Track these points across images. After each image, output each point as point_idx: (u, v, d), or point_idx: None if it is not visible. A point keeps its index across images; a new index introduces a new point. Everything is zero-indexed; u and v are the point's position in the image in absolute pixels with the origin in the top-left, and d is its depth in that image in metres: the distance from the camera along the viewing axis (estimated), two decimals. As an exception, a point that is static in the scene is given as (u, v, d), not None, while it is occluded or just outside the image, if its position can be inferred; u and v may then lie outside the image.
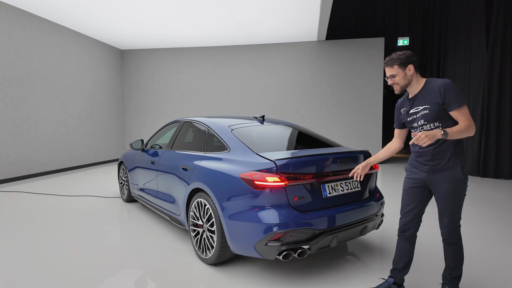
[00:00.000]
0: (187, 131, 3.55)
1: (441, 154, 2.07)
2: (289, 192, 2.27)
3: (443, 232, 2.13)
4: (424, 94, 2.10)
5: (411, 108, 2.17)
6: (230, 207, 2.41)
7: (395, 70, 2.14)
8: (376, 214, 2.76)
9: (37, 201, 4.95)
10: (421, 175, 2.19)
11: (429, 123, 2.09)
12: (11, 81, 6.66)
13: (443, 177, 2.08)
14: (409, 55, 2.13)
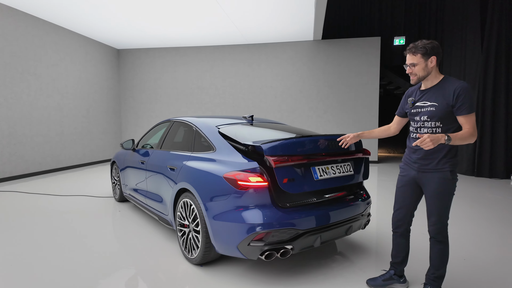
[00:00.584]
0: (176, 131, 3.55)
1: (433, 155, 2.08)
2: (278, 174, 2.25)
3: (431, 230, 2.15)
4: (437, 91, 2.05)
5: (419, 101, 2.13)
6: (214, 207, 2.41)
7: (417, 59, 2.04)
8: (362, 214, 2.76)
9: (30, 201, 4.95)
10: (411, 173, 2.21)
11: (431, 121, 2.06)
12: (5, 80, 6.66)
13: (432, 176, 2.09)
14: (435, 46, 2.03)
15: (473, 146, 7.30)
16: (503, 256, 2.95)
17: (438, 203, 2.08)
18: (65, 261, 2.82)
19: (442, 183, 2.05)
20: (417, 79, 2.10)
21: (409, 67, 2.09)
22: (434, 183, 2.08)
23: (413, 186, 2.23)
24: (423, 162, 2.13)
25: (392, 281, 2.37)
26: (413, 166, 2.20)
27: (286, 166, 2.29)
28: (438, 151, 2.06)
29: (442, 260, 2.15)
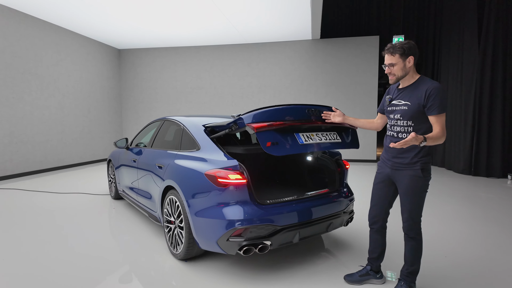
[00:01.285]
0: (166, 129, 3.62)
1: (406, 153, 2.13)
2: (261, 138, 2.24)
3: (403, 226, 2.20)
4: (412, 91, 2.10)
5: (395, 99, 2.19)
6: (196, 204, 2.48)
7: (395, 59, 2.09)
8: (343, 211, 2.81)
9: (29, 198, 5.07)
10: (386, 170, 2.27)
11: (404, 120, 2.12)
12: (6, 80, 6.80)
13: (404, 174, 2.14)
14: (412, 46, 2.08)
15: (470, 145, 7.29)
16: (483, 255, 2.98)
17: (410, 200, 2.13)
18: (51, 257, 2.91)
19: (414, 181, 2.10)
20: (396, 79, 2.14)
21: (388, 67, 2.14)
22: (406, 180, 2.13)
23: (388, 183, 2.29)
24: (396, 160, 2.18)
25: (368, 276, 2.42)
26: (387, 163, 2.25)
27: (267, 130, 2.27)
28: (410, 150, 2.11)
29: (415, 256, 2.19)
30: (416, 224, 2.16)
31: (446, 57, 8.39)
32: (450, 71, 8.17)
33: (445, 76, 8.45)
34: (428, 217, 4.13)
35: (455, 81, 7.94)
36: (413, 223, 2.15)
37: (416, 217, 2.15)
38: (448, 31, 8.31)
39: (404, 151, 2.13)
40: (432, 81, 2.05)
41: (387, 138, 2.27)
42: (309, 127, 2.53)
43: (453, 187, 6.04)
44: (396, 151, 2.16)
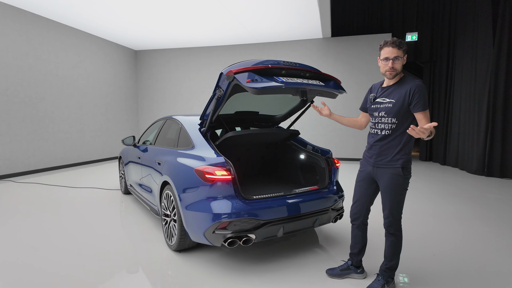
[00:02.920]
0: (168, 128, 3.82)
1: (387, 151, 2.19)
2: (240, 79, 2.31)
3: (384, 222, 2.26)
4: (396, 89, 2.14)
5: (379, 97, 2.22)
6: (186, 198, 2.64)
7: (401, 53, 2.10)
8: (331, 207, 2.89)
9: (48, 192, 5.45)
10: (368, 168, 2.33)
11: (388, 117, 2.16)
12: (30, 82, 7.26)
13: (385, 171, 2.20)
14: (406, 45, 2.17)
15: (483, 145, 7.09)
16: (472, 254, 2.97)
17: (390, 197, 2.19)
18: (56, 247, 3.16)
19: (394, 178, 2.16)
20: (395, 75, 2.14)
21: (392, 60, 2.10)
22: (386, 178, 2.19)
23: (370, 181, 2.35)
24: (377, 157, 2.24)
25: (349, 271, 2.49)
26: (369, 161, 2.31)
27: (246, 71, 2.35)
28: (391, 148, 2.17)
29: (394, 252, 2.26)
30: (396, 221, 2.22)
31: (460, 54, 8.18)
32: (464, 68, 7.95)
33: (459, 73, 8.23)
34: (427, 216, 4.12)
35: (468, 78, 7.73)
36: (393, 220, 2.21)
37: (397, 214, 2.21)
38: (462, 27, 8.09)
39: (387, 148, 2.19)
40: (415, 79, 2.10)
41: (370, 135, 2.33)
42: (290, 73, 2.55)
43: (462, 188, 5.92)
44: (379, 148, 2.23)
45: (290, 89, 2.57)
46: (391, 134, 2.15)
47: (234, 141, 3.28)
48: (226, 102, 2.98)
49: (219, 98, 2.69)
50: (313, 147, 3.41)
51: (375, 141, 2.24)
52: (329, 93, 2.78)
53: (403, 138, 2.12)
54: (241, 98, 3.07)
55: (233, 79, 2.39)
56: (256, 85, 2.28)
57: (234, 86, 2.52)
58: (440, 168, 8.41)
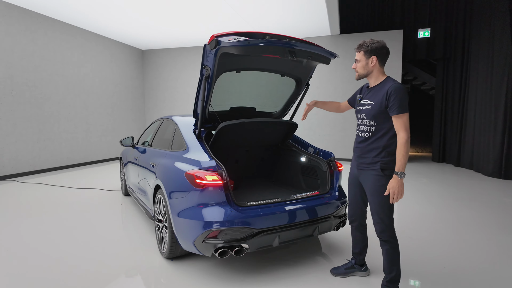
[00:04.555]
0: (165, 128, 3.68)
1: (367, 154, 2.16)
2: (222, 38, 2.29)
3: (375, 229, 2.18)
4: (377, 91, 2.13)
5: (363, 99, 2.22)
6: (176, 204, 2.49)
7: (359, 56, 2.15)
8: (332, 214, 2.70)
9: (49, 192, 5.41)
10: (354, 170, 2.33)
11: (367, 119, 2.16)
12: (35, 82, 7.27)
13: (368, 173, 2.16)
14: (378, 46, 2.09)
15: (500, 147, 6.73)
16: (487, 267, 2.73)
17: (376, 201, 2.11)
18: (50, 249, 3.07)
19: (377, 180, 2.09)
20: (358, 76, 2.20)
21: (354, 62, 2.21)
22: (370, 180, 2.14)
23: (357, 184, 2.32)
24: (360, 160, 2.22)
25: (353, 269, 2.51)
26: (354, 163, 2.31)
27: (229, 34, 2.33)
28: (372, 150, 2.13)
29: (392, 262, 2.13)
30: (387, 226, 2.11)
31: (475, 50, 7.80)
32: (480, 65, 7.58)
33: (474, 71, 7.86)
34: (438, 222, 3.87)
35: (485, 76, 7.36)
36: (384, 225, 2.10)
37: (386, 218, 2.10)
38: (478, 23, 7.72)
39: (367, 150, 2.15)
40: (395, 81, 2.06)
41: (356, 137, 2.32)
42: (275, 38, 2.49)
43: (477, 191, 5.61)
44: (360, 150, 2.20)
45: (278, 49, 2.47)
46: (371, 137, 2.14)
47: (230, 140, 3.13)
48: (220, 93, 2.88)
49: (207, 78, 2.55)
50: (315, 149, 3.21)
51: (357, 143, 2.25)
52: (321, 57, 2.71)
53: (383, 141, 2.08)
54: (234, 85, 2.95)
55: (215, 45, 2.29)
56: (240, 42, 2.24)
57: (221, 60, 2.46)
58: (453, 170, 8.06)
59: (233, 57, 2.57)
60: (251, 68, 2.88)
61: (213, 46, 2.32)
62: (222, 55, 2.43)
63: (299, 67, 2.96)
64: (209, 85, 2.64)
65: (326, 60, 2.78)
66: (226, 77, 2.86)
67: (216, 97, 2.97)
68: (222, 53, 2.40)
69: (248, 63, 2.79)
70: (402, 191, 1.94)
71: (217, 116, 2.97)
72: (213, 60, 2.44)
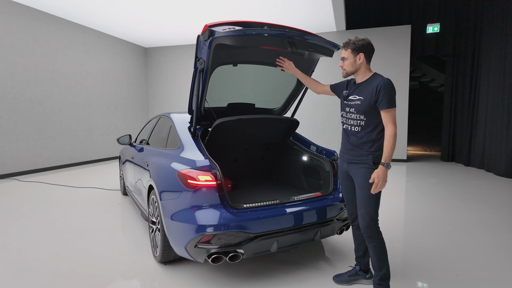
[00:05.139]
0: (161, 126, 3.54)
1: (359, 147, 2.12)
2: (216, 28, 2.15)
3: (361, 225, 2.13)
4: (365, 87, 2.11)
5: (351, 94, 2.19)
6: (168, 206, 2.35)
7: (347, 53, 2.13)
8: (336, 217, 2.53)
9: (48, 191, 5.32)
10: (344, 165, 2.26)
11: (357, 114, 2.13)
12: (37, 80, 7.21)
13: (358, 167, 2.12)
14: (365, 44, 2.09)
15: (513, 144, 6.46)
16: (506, 275, 2.53)
17: (365, 194, 2.07)
18: (39, 249, 2.95)
19: (368, 173, 2.05)
20: (345, 74, 2.18)
21: (341, 60, 2.17)
22: (360, 174, 2.10)
23: (348, 179, 2.25)
24: (350, 153, 2.18)
25: (357, 277, 2.36)
26: (344, 157, 2.25)
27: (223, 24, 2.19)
28: (363, 144, 2.10)
29: (380, 259, 2.09)
30: (373, 221, 2.07)
31: (487, 45, 7.51)
32: (492, 62, 7.29)
33: (486, 68, 7.57)
34: (447, 225, 3.67)
35: (497, 73, 7.08)
36: (369, 220, 2.06)
37: (372, 212, 2.07)
38: (490, 17, 7.43)
39: (358, 144, 2.12)
40: (383, 77, 2.06)
41: (343, 131, 2.29)
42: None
43: (489, 192, 5.37)
44: (350, 144, 2.16)
45: (276, 40, 2.34)
46: (360, 131, 2.13)
47: (227, 137, 2.97)
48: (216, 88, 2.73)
49: (201, 72, 2.40)
50: (317, 147, 3.04)
51: (347, 136, 2.22)
52: (323, 49, 2.56)
53: (373, 135, 2.08)
54: (231, 80, 2.80)
55: (209, 35, 2.14)
56: (235, 32, 2.11)
57: (216, 51, 2.31)
58: (463, 169, 7.79)
59: (229, 49, 2.41)
60: (249, 61, 2.72)
61: (206, 37, 2.16)
62: (217, 46, 2.27)
63: (300, 60, 2.79)
64: (204, 80, 2.48)
65: (329, 52, 2.61)
66: (222, 71, 2.70)
67: (213, 93, 2.82)
68: (217, 45, 2.24)
69: (246, 55, 2.62)
70: (385, 181, 1.96)
71: (213, 112, 2.81)
72: (207, 52, 2.29)
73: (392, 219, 3.90)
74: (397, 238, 3.30)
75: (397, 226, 3.68)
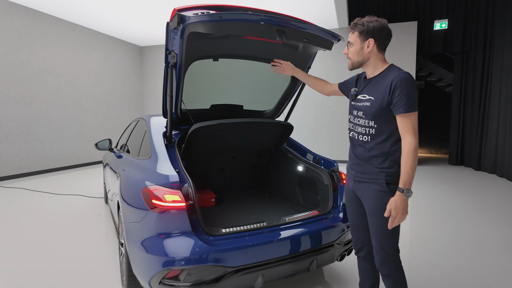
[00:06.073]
0: (138, 131, 3.14)
1: (368, 162, 1.66)
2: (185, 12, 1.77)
3: (375, 259, 1.67)
4: (377, 83, 1.64)
5: (361, 93, 1.72)
6: (131, 229, 1.94)
7: (353, 37, 1.66)
8: (336, 242, 2.10)
9: (28, 199, 4.94)
10: (350, 183, 1.82)
11: (366, 119, 1.66)
12: (22, 79, 6.84)
13: (368, 188, 1.66)
14: (377, 26, 1.59)
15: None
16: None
17: (378, 224, 1.62)
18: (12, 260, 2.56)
19: (380, 197, 1.60)
20: (351, 65, 1.71)
21: (347, 46, 1.70)
22: (370, 197, 1.65)
23: (356, 200, 1.80)
24: (357, 169, 1.72)
25: None
26: (351, 173, 1.79)
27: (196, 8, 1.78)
28: (372, 158, 1.64)
29: None
30: (390, 257, 1.60)
31: (499, 42, 7.05)
32: (505, 59, 6.83)
33: (497, 65, 7.11)
34: (465, 243, 3.23)
35: (509, 71, 6.62)
36: (385, 255, 1.60)
37: (389, 247, 1.60)
38: (502, 12, 6.97)
39: (366, 158, 1.66)
40: (401, 70, 1.57)
41: (349, 140, 1.81)
42: None
43: (506, 201, 4.92)
44: (357, 157, 1.68)
45: (262, 28, 1.89)
46: (370, 141, 1.66)
47: (208, 145, 2.57)
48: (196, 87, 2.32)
49: (174, 67, 1.99)
50: (315, 156, 2.62)
51: (353, 147, 1.77)
52: (320, 40, 2.10)
53: (385, 147, 1.60)
54: (214, 78, 2.39)
55: (179, 22, 1.72)
56: (209, 17, 1.71)
57: (190, 42, 1.89)
58: (474, 174, 7.33)
59: (207, 40, 2.00)
60: (232, 55, 2.31)
61: (175, 24, 1.75)
62: (191, 35, 1.86)
63: (294, 54, 2.37)
64: (178, 76, 2.08)
65: (327, 44, 2.19)
66: (202, 66, 2.29)
67: (191, 93, 2.41)
68: (190, 33, 1.83)
69: (228, 48, 2.21)
70: (406, 213, 1.50)
71: (191, 116, 2.40)
72: (179, 43, 1.88)
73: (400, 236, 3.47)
74: (407, 260, 2.87)
75: (405, 244, 3.25)
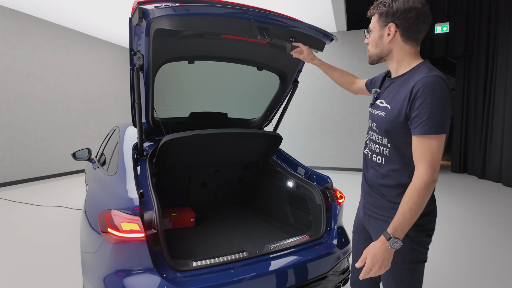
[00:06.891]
0: (112, 142, 2.85)
1: (378, 190, 1.27)
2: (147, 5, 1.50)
3: None
4: (399, 86, 1.21)
5: (380, 97, 1.31)
6: (87, 260, 1.65)
7: (373, 22, 1.26)
8: (330, 271, 1.81)
9: (7, 210, 4.63)
10: (360, 213, 1.46)
11: (378, 134, 1.27)
12: (7, 84, 6.57)
13: (378, 226, 1.27)
14: (401, 7, 1.14)
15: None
16: None
17: (391, 275, 1.22)
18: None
19: None
20: (369, 58, 1.30)
21: (368, 34, 1.29)
22: (379, 236, 1.18)
23: (364, 232, 1.43)
24: (368, 198, 1.34)
25: None
26: (360, 201, 1.44)
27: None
28: (383, 188, 1.24)
29: None
30: None
31: (503, 46, 6.80)
32: (509, 64, 6.58)
33: (502, 70, 6.85)
34: (477, 265, 2.92)
35: (516, 76, 6.37)
36: None
37: None
38: (506, 15, 6.73)
39: (377, 185, 1.26)
40: (431, 72, 1.11)
41: (363, 158, 1.42)
42: None
43: (510, 211, 4.62)
44: (368, 182, 1.30)
45: (240, 24, 1.58)
46: (384, 164, 1.25)
47: (185, 159, 2.28)
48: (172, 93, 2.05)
49: (140, 70, 1.71)
50: (306, 170, 2.33)
51: (365, 168, 1.38)
52: (310, 39, 1.78)
53: (403, 176, 1.19)
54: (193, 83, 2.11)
55: (141, 17, 1.45)
56: (175, 10, 1.42)
57: (158, 41, 1.62)
58: (477, 183, 7.03)
59: (178, 38, 1.72)
60: (210, 56, 2.02)
61: (137, 19, 1.47)
62: (158, 33, 1.58)
63: (282, 55, 2.10)
64: (146, 81, 1.80)
65: (318, 45, 1.90)
66: (176, 70, 2.02)
67: (166, 99, 2.14)
68: (156, 30, 1.56)
69: (205, 48, 1.93)
70: (386, 267, 1.10)
71: (162, 126, 2.11)
72: (145, 42, 1.60)
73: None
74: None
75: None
